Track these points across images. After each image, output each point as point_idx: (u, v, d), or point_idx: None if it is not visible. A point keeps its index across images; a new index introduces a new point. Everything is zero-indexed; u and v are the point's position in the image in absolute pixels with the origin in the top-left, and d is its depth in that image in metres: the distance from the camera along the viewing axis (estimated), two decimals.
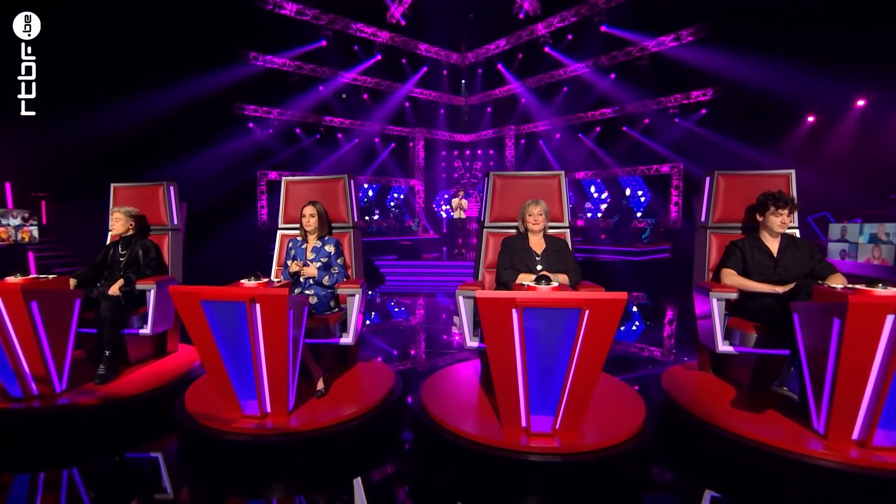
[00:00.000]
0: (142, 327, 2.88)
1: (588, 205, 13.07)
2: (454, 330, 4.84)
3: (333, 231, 2.99)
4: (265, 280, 2.17)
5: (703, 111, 10.75)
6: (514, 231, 2.95)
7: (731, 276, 2.55)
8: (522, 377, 1.93)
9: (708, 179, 2.85)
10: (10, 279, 2.39)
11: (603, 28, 9.52)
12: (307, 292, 2.68)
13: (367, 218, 12.31)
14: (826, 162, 9.00)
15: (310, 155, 12.01)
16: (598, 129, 12.61)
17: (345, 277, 2.82)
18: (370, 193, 13.50)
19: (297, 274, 2.70)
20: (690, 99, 10.76)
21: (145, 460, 2.33)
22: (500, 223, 2.94)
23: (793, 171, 2.74)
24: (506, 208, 2.92)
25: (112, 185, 3.33)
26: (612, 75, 11.07)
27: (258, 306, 1.94)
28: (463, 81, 13.15)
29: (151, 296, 2.85)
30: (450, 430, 2.13)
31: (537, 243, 2.71)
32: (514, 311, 1.84)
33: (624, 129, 12.00)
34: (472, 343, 2.62)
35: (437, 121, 14.18)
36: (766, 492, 1.98)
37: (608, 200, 12.67)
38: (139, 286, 2.86)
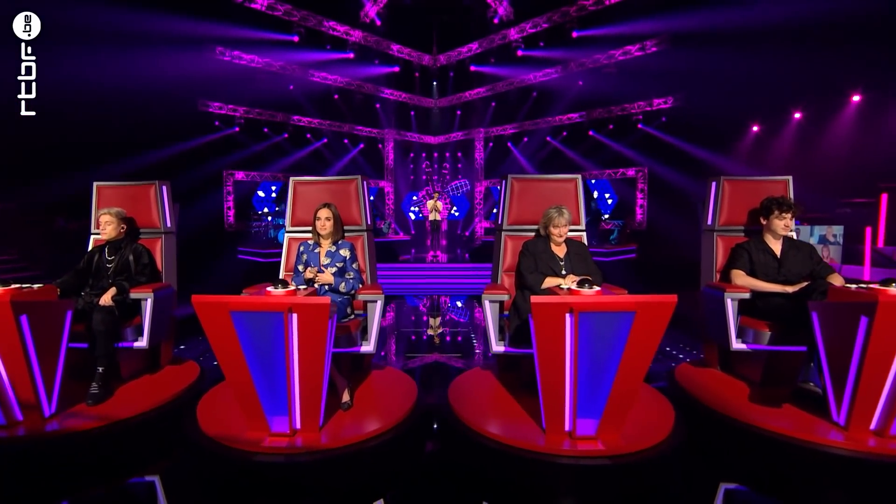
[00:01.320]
0: (136, 340, 2.65)
1: None
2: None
3: (346, 234, 2.87)
4: (293, 288, 2.05)
5: (664, 118, 11.29)
6: (531, 234, 2.95)
7: (742, 277, 2.67)
8: (572, 381, 1.93)
9: (714, 184, 2.98)
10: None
11: (574, 34, 9.78)
12: None
13: None
14: (770, 167, 9.73)
15: (278, 154, 11.57)
16: (564, 133, 12.96)
17: (360, 283, 2.71)
18: None
19: (311, 280, 2.57)
20: (653, 106, 11.27)
21: (151, 487, 2.13)
22: (519, 226, 2.93)
23: (790, 178, 2.91)
24: (524, 212, 2.92)
25: (95, 183, 3.04)
26: (581, 82, 11.40)
27: (295, 316, 1.82)
28: (434, 83, 13.12)
29: (148, 305, 2.62)
30: (485, 436, 2.10)
31: (560, 247, 2.72)
32: (568, 315, 1.83)
33: (590, 133, 12.40)
34: (499, 348, 2.59)
35: (407, 122, 14.08)
36: (787, 481, 2.08)
37: None
38: (133, 295, 2.62)
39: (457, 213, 14.90)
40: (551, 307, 1.81)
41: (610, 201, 12.47)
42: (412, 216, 14.56)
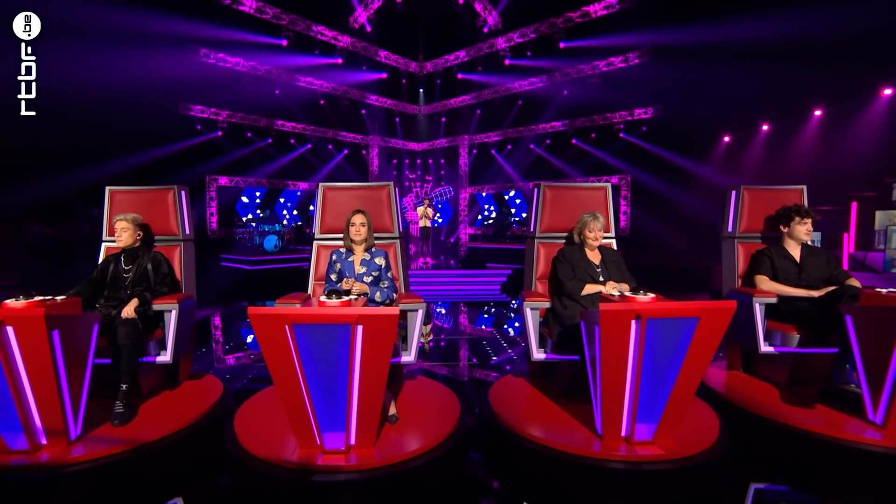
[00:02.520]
0: (159, 354, 2.50)
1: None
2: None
3: (377, 241, 2.81)
4: (348, 298, 1.98)
5: (644, 128, 11.66)
6: (562, 241, 2.97)
7: (767, 282, 2.76)
8: (633, 386, 1.94)
9: (734, 193, 3.08)
10: (14, 302, 1.96)
11: (562, 44, 10.00)
12: None
13: None
14: (742, 176, 10.23)
15: (262, 160, 11.29)
16: (548, 140, 13.20)
17: (394, 292, 2.66)
18: None
19: (347, 291, 2.50)
20: (633, 116, 11.61)
21: None
22: (552, 234, 2.94)
23: (804, 187, 3.05)
24: (556, 219, 2.93)
25: (107, 188, 2.87)
26: (565, 91, 11.66)
27: (361, 328, 1.76)
28: (421, 90, 13.13)
29: (172, 317, 2.49)
30: (532, 440, 2.12)
31: (594, 254, 2.75)
32: (634, 321, 1.84)
33: (573, 141, 12.66)
34: (539, 355, 2.59)
35: (392, 128, 14.03)
36: (824, 478, 2.15)
37: None
38: (156, 306, 2.48)
39: (440, 220, 14.89)
40: (619, 314, 1.82)
41: None
42: None
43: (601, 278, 2.64)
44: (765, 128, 10.63)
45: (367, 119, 13.11)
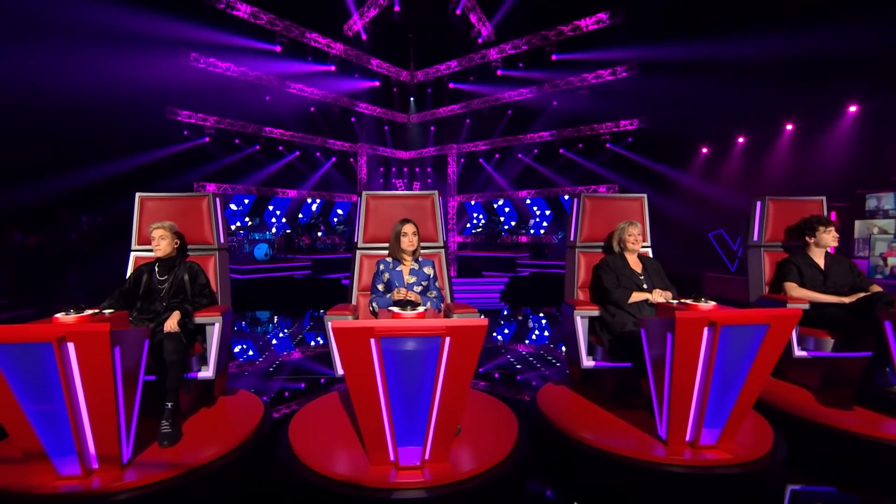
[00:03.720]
0: (201, 370, 2.39)
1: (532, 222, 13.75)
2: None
3: (423, 251, 2.79)
4: (422, 310, 1.95)
5: (630, 139, 12.02)
6: (601, 250, 3.02)
7: (797, 289, 2.88)
8: (701, 392, 1.98)
9: (759, 204, 3.20)
10: (65, 317, 1.84)
11: (554, 57, 10.23)
12: None
13: (315, 234, 11.61)
14: (724, 183, 10.68)
15: (250, 167, 11.04)
16: (535, 150, 13.42)
17: (442, 301, 2.64)
18: (314, 209, 12.78)
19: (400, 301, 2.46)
20: (619, 127, 11.96)
21: None
22: (591, 243, 2.98)
23: (823, 198, 3.20)
24: (595, 229, 2.98)
25: (138, 195, 2.74)
26: (555, 102, 11.91)
27: (448, 340, 1.73)
28: (412, 99, 13.16)
29: (215, 331, 2.39)
30: (589, 444, 2.17)
31: (635, 262, 2.80)
32: (706, 329, 1.88)
33: (561, 150, 12.91)
34: (589, 363, 2.61)
35: (381, 136, 13.99)
36: (871, 478, 2.24)
37: (550, 218, 13.45)
38: (198, 319, 2.38)
39: None
40: (694, 322, 1.86)
41: None
42: None
43: (645, 286, 2.69)
44: (741, 140, 11.12)
45: (356, 127, 13.04)
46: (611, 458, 2.10)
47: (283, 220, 12.13)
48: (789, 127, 9.96)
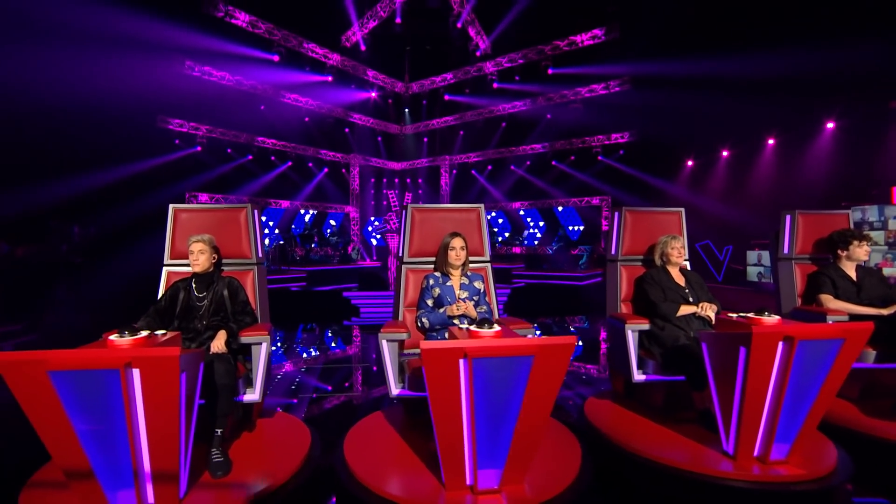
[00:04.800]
0: (246, 392, 2.27)
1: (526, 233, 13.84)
2: None
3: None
4: (498, 329, 1.89)
5: (622, 152, 12.26)
6: (641, 264, 3.02)
7: (834, 301, 2.93)
8: (772, 406, 1.98)
9: (788, 217, 3.26)
10: (120, 340, 1.70)
11: (550, 71, 10.40)
12: None
13: (309, 246, 11.40)
14: (710, 195, 11.00)
15: (243, 177, 10.81)
16: (528, 162, 13.55)
17: (491, 316, 2.58)
18: (307, 219, 12.57)
19: (459, 317, 2.40)
20: (611, 140, 12.19)
21: None
22: (632, 256, 2.98)
23: (850, 211, 3.28)
24: (635, 242, 2.98)
25: (171, 206, 2.61)
26: (549, 115, 12.09)
27: (536, 359, 1.67)
28: (406, 110, 13.16)
29: (262, 351, 2.27)
30: (661, 463, 2.11)
31: (677, 275, 2.81)
32: (781, 343, 1.88)
33: (553, 163, 13.08)
34: (640, 377, 2.59)
35: (374, 147, 13.92)
36: None
37: (543, 230, 13.56)
38: (244, 339, 2.26)
39: None
40: (771, 336, 1.86)
41: (578, 228, 13.14)
42: (374, 242, 14.25)
43: (690, 299, 2.69)
44: (725, 153, 11.46)
45: (350, 137, 12.94)
46: (674, 472, 2.08)
47: (277, 231, 11.88)
48: (771, 141, 10.35)
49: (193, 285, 2.42)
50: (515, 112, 12.39)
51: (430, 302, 2.53)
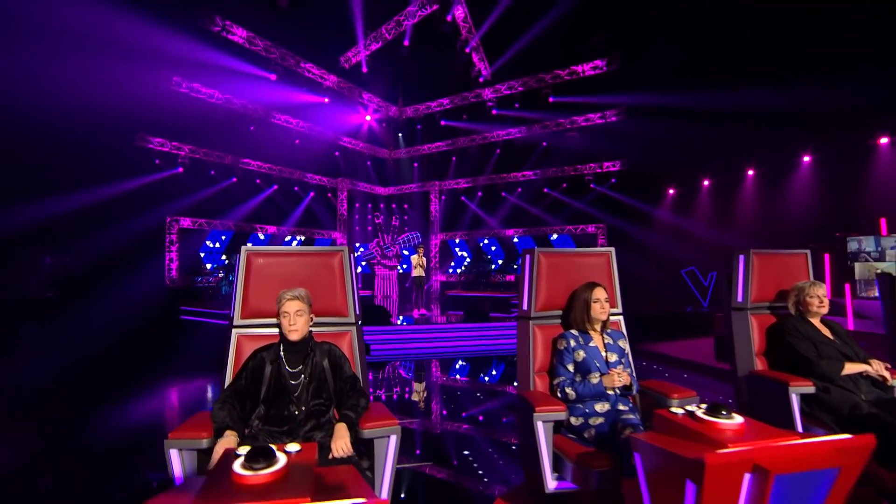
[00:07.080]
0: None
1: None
2: None
3: None
4: (737, 421, 1.46)
5: (613, 180, 12.37)
6: (767, 312, 2.71)
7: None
8: None
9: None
10: (250, 473, 1.16)
11: (551, 99, 10.39)
12: (622, 409, 1.96)
13: None
14: (698, 220, 11.27)
15: (227, 200, 10.00)
16: (519, 189, 13.43)
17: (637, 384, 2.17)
18: (294, 245, 11.80)
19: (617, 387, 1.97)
20: (603, 168, 12.29)
21: None
22: (763, 303, 2.67)
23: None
24: (763, 289, 2.67)
25: (244, 249, 2.03)
26: (545, 143, 12.08)
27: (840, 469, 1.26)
28: (400, 135, 12.81)
29: (391, 446, 1.73)
30: None
31: (820, 327, 2.51)
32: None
33: (545, 190, 13.02)
34: None
35: (363, 172, 13.43)
36: None
37: None
38: (367, 432, 1.71)
39: (405, 267, 14.27)
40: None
41: None
42: (359, 269, 13.60)
43: (847, 354, 2.39)
44: (706, 182, 11.80)
45: (340, 161, 12.41)
46: None
47: None
48: (750, 173, 10.73)
49: (283, 356, 1.86)
50: (510, 139, 12.31)
51: (570, 367, 2.09)
